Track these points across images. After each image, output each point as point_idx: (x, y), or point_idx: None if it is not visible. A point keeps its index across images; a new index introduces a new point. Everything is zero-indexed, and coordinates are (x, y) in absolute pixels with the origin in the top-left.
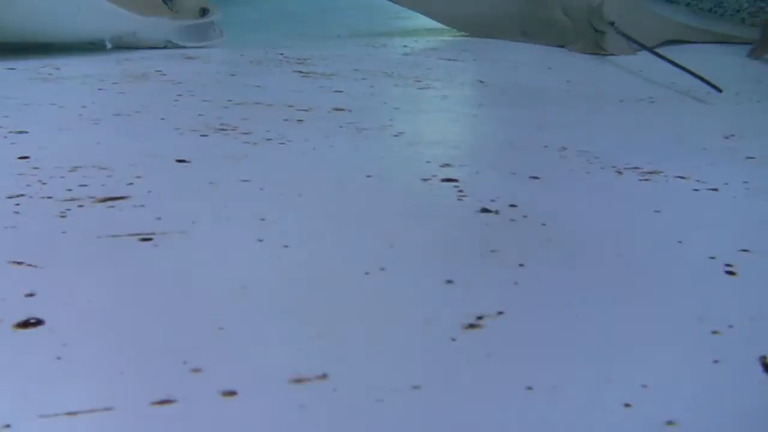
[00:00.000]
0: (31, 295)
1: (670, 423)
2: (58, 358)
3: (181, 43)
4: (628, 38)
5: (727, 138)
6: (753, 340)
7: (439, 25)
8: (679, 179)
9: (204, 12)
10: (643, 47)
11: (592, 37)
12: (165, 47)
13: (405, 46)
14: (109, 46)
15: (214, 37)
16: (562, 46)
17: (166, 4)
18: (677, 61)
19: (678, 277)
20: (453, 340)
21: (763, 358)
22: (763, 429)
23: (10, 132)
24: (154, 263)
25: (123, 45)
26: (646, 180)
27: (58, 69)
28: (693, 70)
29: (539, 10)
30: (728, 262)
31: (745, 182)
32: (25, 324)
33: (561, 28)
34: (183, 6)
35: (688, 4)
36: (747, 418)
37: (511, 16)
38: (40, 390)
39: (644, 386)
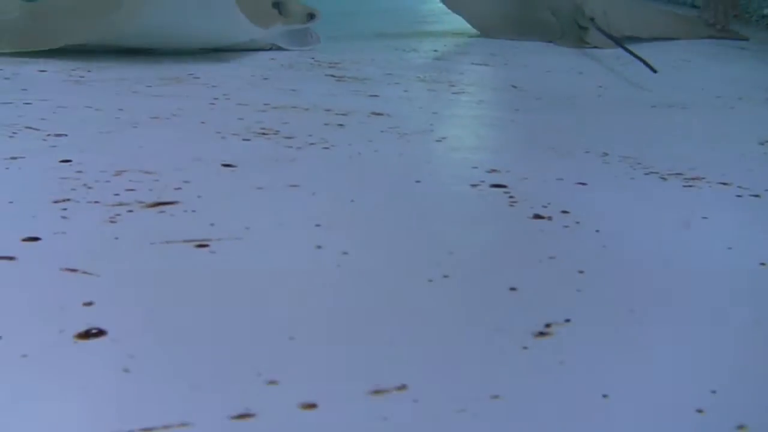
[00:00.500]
0: (89, 304)
1: (740, 427)
2: (126, 370)
3: (285, 47)
4: (605, 34)
5: (762, 144)
6: None
7: (466, 29)
8: (721, 185)
9: (311, 17)
10: (616, 42)
11: (577, 33)
12: (270, 49)
13: (435, 50)
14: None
15: (312, 41)
16: (551, 41)
17: (278, 10)
18: (626, 45)
19: (735, 286)
20: (525, 348)
21: None
22: None
23: (49, 135)
24: (213, 271)
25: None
26: (690, 186)
27: (90, 71)
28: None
29: (529, 12)
30: None
31: None
32: (87, 335)
33: (549, 26)
34: (291, 11)
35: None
36: None
37: (505, 17)
38: (112, 405)
39: (713, 392)
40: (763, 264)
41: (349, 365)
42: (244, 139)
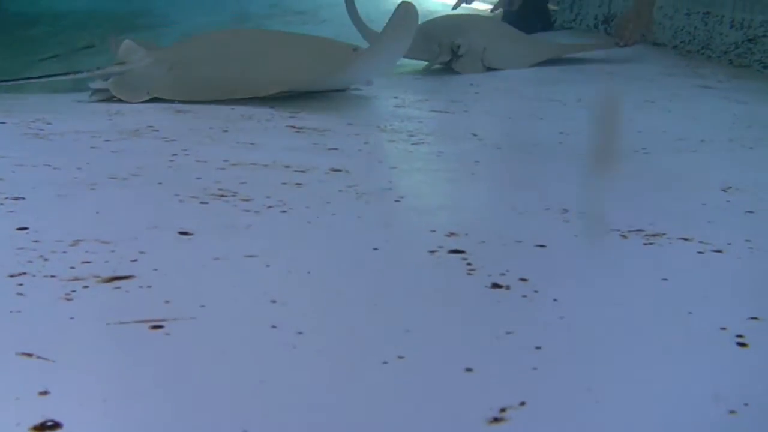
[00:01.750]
0: (45, 393)
1: None
2: None
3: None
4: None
5: (724, 191)
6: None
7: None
8: (682, 241)
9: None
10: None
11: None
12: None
13: (396, 97)
14: None
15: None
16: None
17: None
18: None
19: (691, 353)
20: None
21: None
22: None
23: (7, 198)
24: (168, 356)
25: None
26: (651, 244)
27: (49, 123)
28: None
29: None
30: (739, 332)
31: (748, 241)
32: (42, 427)
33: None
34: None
35: None
36: None
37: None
38: None
39: None
40: (723, 329)
41: None
42: (201, 203)
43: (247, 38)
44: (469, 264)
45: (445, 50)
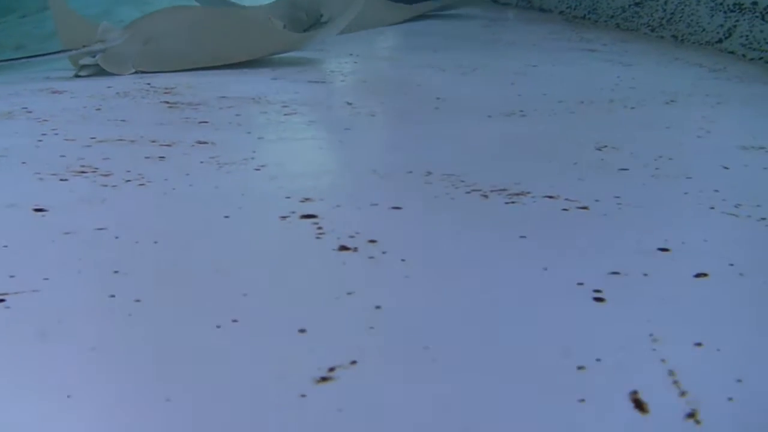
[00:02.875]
0: None
1: None
2: None
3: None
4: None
5: (599, 149)
6: (622, 374)
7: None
8: (547, 199)
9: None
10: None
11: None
12: None
13: (273, 69)
14: None
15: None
16: None
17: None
18: None
19: (544, 308)
20: (303, 396)
21: (633, 393)
22: None
23: None
24: (6, 327)
25: None
26: (513, 203)
27: None
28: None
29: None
30: (597, 287)
31: (617, 197)
32: None
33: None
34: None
35: None
36: None
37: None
38: None
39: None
40: (580, 284)
41: (119, 423)
42: (61, 180)
43: (200, 14)
44: (319, 228)
45: (312, 18)
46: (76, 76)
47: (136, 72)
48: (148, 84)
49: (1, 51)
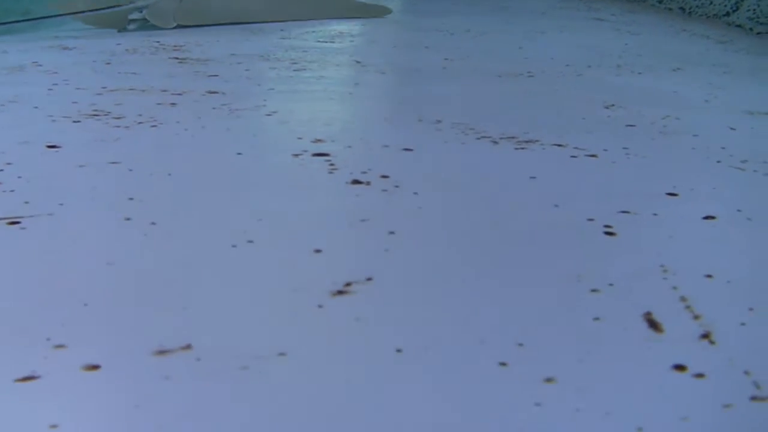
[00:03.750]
0: None
1: (548, 380)
2: None
3: None
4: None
5: (607, 107)
6: (635, 297)
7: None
8: (555, 147)
9: None
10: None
11: None
12: None
13: (281, 30)
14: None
15: None
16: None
17: None
18: None
19: (555, 240)
20: (320, 306)
21: (647, 314)
22: (650, 384)
23: None
24: (21, 245)
25: None
26: (522, 149)
27: None
28: None
29: None
30: (607, 223)
31: (625, 148)
32: None
33: None
34: None
35: None
36: (631, 373)
37: None
38: None
39: (520, 345)
40: (591, 220)
41: (137, 329)
42: (74, 121)
43: None
44: (331, 164)
45: None
46: (123, 30)
47: (177, 26)
48: (158, 42)
49: (8, 16)
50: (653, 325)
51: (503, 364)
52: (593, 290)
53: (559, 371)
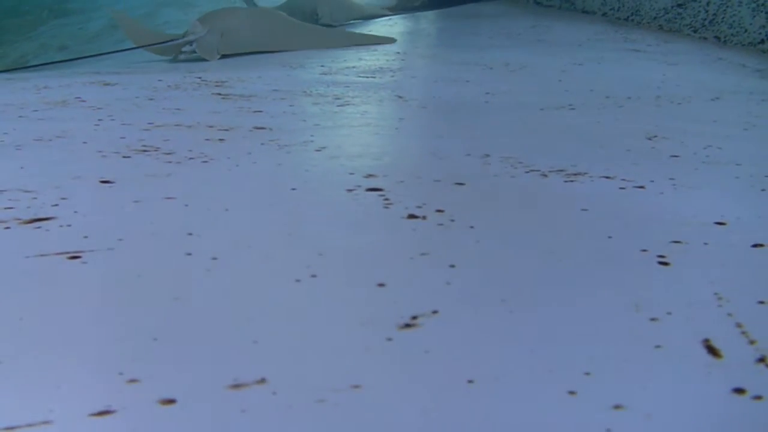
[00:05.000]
0: None
1: (617, 407)
2: None
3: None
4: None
5: (649, 139)
6: (693, 324)
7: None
8: (604, 179)
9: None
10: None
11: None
12: None
13: (322, 65)
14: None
15: None
16: None
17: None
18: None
19: (611, 270)
20: (389, 339)
21: (705, 341)
22: (711, 407)
23: None
24: (83, 279)
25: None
26: (572, 181)
27: None
28: None
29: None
30: (660, 253)
31: (672, 179)
32: None
33: None
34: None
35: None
36: (694, 397)
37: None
38: None
39: (587, 374)
40: (644, 251)
41: (211, 362)
42: (124, 157)
43: (254, 13)
44: (386, 200)
45: (309, 17)
46: (174, 60)
47: (222, 57)
48: (199, 78)
49: (45, 51)
50: (712, 351)
51: (572, 392)
52: (652, 319)
53: (627, 398)
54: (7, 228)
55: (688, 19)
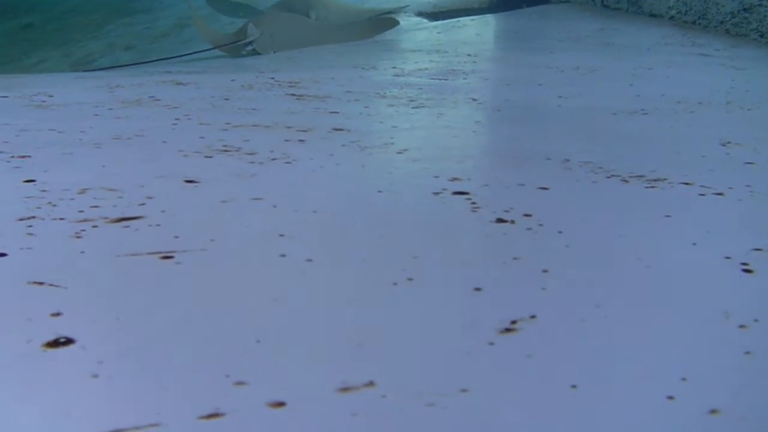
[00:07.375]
0: (57, 314)
1: (713, 412)
2: (95, 376)
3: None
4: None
5: (723, 145)
6: None
7: (425, 47)
8: (683, 185)
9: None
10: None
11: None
12: None
13: (394, 67)
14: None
15: None
16: None
17: None
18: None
19: (698, 277)
20: (491, 344)
21: None
22: None
23: (12, 157)
24: (179, 280)
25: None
26: (652, 187)
27: (51, 96)
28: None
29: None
30: (744, 260)
31: (749, 186)
32: (55, 343)
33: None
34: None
35: None
36: None
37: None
38: (82, 409)
39: (684, 379)
40: (728, 258)
41: (316, 364)
42: (206, 157)
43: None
44: (473, 203)
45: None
46: (240, 55)
47: (275, 53)
48: (272, 78)
49: (111, 51)
50: None
51: (671, 397)
52: (741, 326)
53: (722, 403)
54: (95, 227)
55: (755, 24)
